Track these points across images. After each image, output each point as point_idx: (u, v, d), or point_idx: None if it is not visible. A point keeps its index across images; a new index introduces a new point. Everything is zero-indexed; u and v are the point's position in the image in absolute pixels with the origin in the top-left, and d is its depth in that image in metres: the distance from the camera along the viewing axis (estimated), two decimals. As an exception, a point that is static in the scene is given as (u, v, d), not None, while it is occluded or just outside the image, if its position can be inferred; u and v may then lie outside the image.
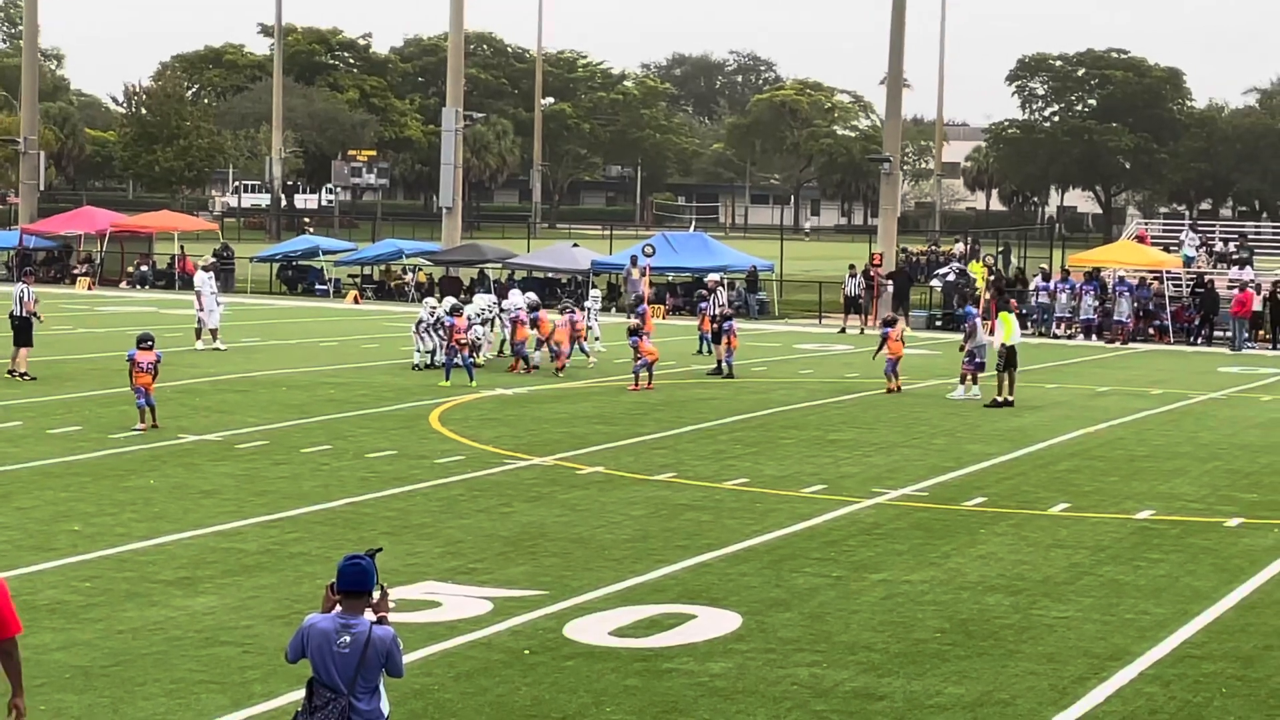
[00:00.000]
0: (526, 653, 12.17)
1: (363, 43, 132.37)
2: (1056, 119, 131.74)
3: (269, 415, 24.67)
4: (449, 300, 33.37)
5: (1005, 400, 27.97)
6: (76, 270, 59.28)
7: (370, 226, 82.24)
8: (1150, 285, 46.06)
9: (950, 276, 50.35)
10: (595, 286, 47.81)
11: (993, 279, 41.19)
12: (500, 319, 34.10)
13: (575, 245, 57.63)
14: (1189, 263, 50.98)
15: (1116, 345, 43.38)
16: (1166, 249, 52.99)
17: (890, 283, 49.28)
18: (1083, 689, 11.65)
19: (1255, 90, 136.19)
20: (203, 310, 35.54)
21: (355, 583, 8.05)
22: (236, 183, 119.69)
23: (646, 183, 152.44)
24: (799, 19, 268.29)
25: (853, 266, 48.46)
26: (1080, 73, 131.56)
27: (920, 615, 13.54)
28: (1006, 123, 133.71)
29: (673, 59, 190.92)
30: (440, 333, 31.09)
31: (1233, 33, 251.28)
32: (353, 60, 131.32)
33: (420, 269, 56.99)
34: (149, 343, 22.92)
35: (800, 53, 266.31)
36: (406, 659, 8.95)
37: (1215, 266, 50.81)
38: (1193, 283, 47.36)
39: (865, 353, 36.75)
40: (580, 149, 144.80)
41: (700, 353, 35.99)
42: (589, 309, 37.05)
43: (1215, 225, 64.69)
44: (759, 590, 14.26)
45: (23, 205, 67.62)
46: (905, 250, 62.23)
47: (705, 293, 38.17)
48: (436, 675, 11.54)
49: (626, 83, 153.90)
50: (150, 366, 22.61)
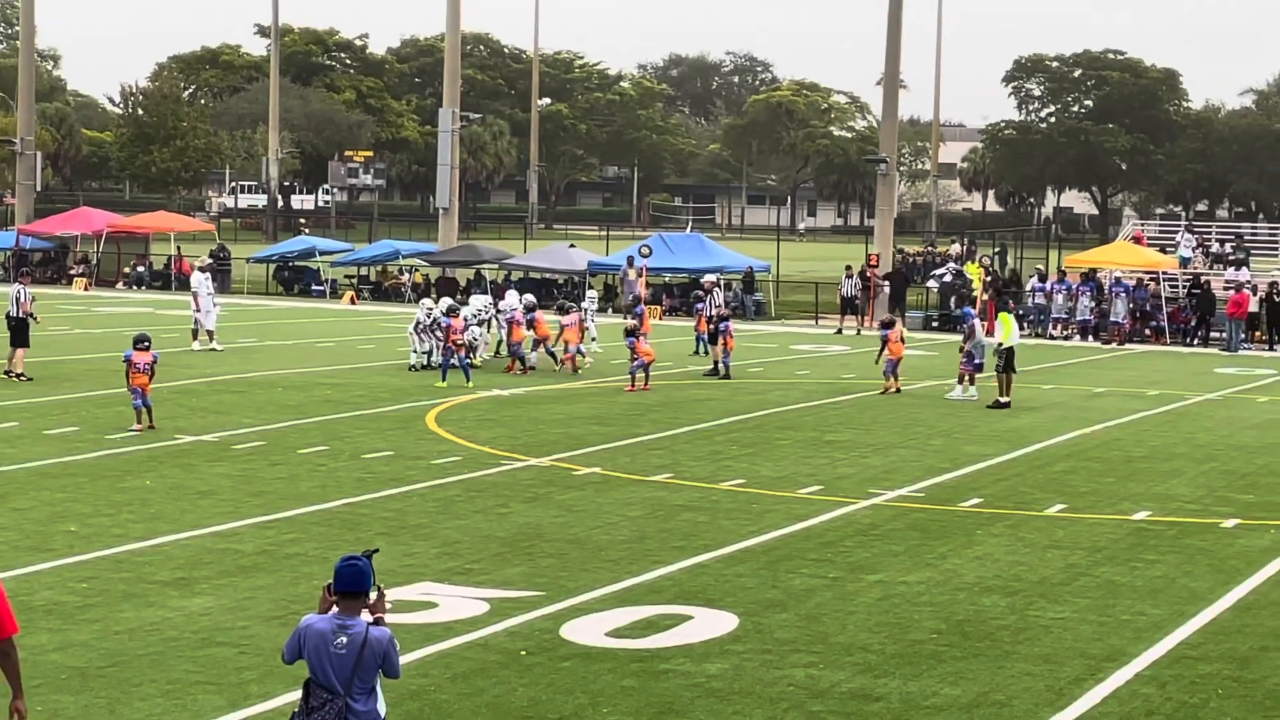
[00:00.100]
0: (523, 653, 12.17)
1: (359, 43, 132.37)
2: (1053, 120, 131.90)
3: (266, 416, 24.66)
4: (445, 301, 33.35)
5: (1003, 402, 27.99)
6: (73, 271, 59.27)
7: (367, 227, 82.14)
8: (1147, 286, 46.08)
9: (947, 277, 50.41)
10: (592, 287, 47.85)
11: (990, 280, 41.24)
12: (497, 320, 34.12)
13: (572, 246, 57.61)
14: (1185, 264, 51.02)
15: (1113, 346, 43.40)
16: (1163, 250, 53.01)
17: (887, 283, 49.32)
18: (1079, 690, 11.66)
19: (1252, 91, 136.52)
20: (199, 311, 35.53)
21: (352, 583, 8.05)
22: (233, 183, 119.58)
23: (643, 183, 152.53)
24: (796, 20, 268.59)
25: (849, 267, 48.44)
26: (1077, 74, 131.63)
27: (916, 616, 13.55)
28: (1003, 123, 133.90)
29: (669, 59, 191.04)
30: (437, 334, 31.08)
31: (1230, 34, 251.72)
32: (349, 61, 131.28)
33: (417, 270, 56.94)
34: (145, 343, 22.91)
35: (797, 53, 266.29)
36: (403, 660, 8.93)
37: (1211, 267, 50.82)
38: (1189, 284, 47.35)
39: (861, 353, 36.77)
40: (577, 150, 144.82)
41: (697, 353, 35.99)
42: (585, 310, 37.06)
43: (1211, 226, 64.70)
44: (755, 591, 14.27)
45: (19, 206, 67.63)
46: (901, 251, 62.23)
47: (702, 293, 38.08)
48: (433, 676, 11.53)
49: (623, 83, 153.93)
50: (147, 367, 22.62)
